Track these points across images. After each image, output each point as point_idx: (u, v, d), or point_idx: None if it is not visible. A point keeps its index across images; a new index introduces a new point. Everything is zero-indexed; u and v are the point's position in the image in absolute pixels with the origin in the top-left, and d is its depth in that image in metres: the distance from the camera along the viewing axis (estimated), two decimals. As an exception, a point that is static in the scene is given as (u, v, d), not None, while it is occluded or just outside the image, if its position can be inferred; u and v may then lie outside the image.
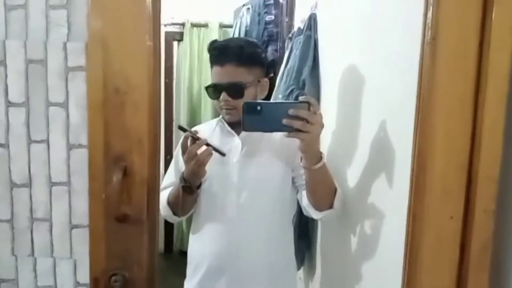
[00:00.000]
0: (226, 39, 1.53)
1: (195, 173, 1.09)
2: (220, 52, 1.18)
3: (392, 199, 0.89)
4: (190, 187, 1.12)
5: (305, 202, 1.15)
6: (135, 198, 0.70)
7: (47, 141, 0.77)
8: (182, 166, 1.13)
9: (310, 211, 1.15)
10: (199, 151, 1.04)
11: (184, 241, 3.24)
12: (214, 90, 1.18)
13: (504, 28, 0.61)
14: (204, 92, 3.24)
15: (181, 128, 1.08)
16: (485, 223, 0.64)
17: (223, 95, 1.16)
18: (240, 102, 1.14)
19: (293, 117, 0.90)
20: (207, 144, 1.04)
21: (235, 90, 1.15)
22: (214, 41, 1.26)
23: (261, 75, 1.22)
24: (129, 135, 0.69)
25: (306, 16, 1.68)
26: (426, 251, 0.67)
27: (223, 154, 1.07)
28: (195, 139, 1.05)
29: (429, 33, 0.62)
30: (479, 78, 0.63)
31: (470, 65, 0.63)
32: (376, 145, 1.00)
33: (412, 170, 0.67)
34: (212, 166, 1.17)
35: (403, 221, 0.72)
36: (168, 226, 3.33)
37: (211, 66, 1.21)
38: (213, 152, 1.06)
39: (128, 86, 0.68)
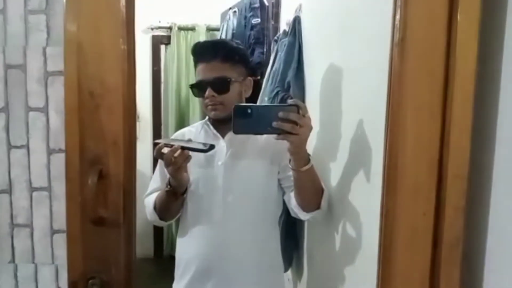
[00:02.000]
0: (210, 40, 1.54)
1: (176, 179, 1.09)
2: (205, 50, 1.19)
3: (370, 197, 0.90)
4: (175, 193, 1.13)
5: (293, 203, 1.16)
6: (111, 201, 0.70)
7: (27, 147, 0.77)
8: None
9: (298, 212, 1.15)
10: (173, 157, 1.02)
11: (174, 246, 3.22)
12: (200, 87, 1.18)
13: (470, 29, 0.63)
14: (192, 95, 3.28)
15: (155, 144, 1.06)
16: (455, 220, 0.65)
17: (208, 91, 1.16)
18: (225, 98, 1.15)
19: (283, 119, 0.91)
20: (183, 148, 1.03)
21: (220, 85, 1.16)
22: (198, 42, 1.28)
23: (245, 74, 1.23)
24: (104, 138, 0.70)
25: (291, 18, 1.70)
26: (399, 246, 0.68)
27: (204, 151, 1.04)
28: (169, 146, 1.03)
29: (398, 35, 0.64)
30: (447, 78, 0.65)
31: (438, 65, 0.65)
32: (355, 144, 1.01)
33: (384, 168, 0.69)
34: (197, 169, 1.18)
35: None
36: (158, 231, 3.32)
37: (196, 67, 1.21)
38: (197, 153, 1.05)
39: (102, 89, 0.69)
